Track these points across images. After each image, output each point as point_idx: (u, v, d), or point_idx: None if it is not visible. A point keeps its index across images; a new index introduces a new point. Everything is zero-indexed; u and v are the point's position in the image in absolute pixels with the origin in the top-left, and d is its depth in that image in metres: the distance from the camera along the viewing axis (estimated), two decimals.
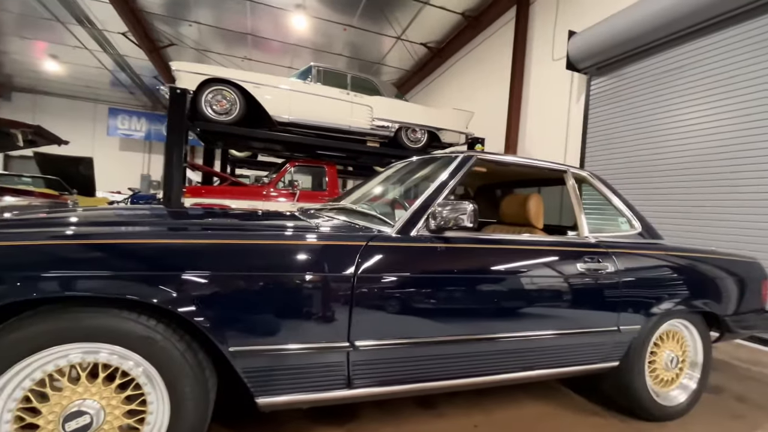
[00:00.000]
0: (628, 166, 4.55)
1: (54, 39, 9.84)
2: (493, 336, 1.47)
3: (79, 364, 1.04)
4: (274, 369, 1.17)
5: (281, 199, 5.19)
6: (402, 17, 7.79)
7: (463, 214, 1.37)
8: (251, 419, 1.61)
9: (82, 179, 7.82)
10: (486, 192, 3.01)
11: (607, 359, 1.74)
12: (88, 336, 1.02)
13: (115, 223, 1.30)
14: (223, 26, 8.62)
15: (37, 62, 11.53)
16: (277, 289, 1.16)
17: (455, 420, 1.74)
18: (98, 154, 13.94)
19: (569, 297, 1.61)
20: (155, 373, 1.07)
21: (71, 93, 14.19)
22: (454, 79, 9.07)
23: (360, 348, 1.25)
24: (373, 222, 1.53)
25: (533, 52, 6.35)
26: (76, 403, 1.03)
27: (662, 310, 1.79)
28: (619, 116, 4.73)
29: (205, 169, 6.19)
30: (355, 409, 1.77)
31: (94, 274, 1.02)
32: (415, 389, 1.40)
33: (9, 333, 0.97)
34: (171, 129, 4.41)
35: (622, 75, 4.73)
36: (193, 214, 1.66)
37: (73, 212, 1.55)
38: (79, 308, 1.03)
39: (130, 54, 10.18)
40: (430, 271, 1.38)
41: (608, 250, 1.76)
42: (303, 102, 5.14)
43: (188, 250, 1.12)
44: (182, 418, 1.10)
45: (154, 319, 1.07)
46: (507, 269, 1.51)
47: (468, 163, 1.69)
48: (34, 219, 1.29)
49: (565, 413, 1.88)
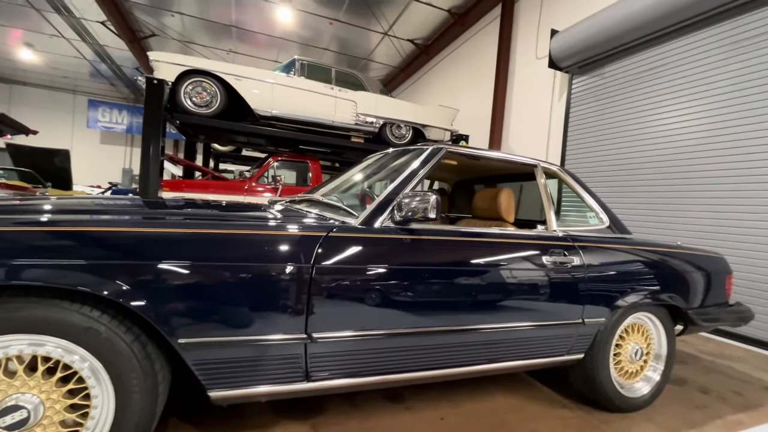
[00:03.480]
0: (606, 164, 4.62)
1: (29, 26, 9.50)
2: (458, 328, 1.46)
3: (17, 356, 1.00)
4: (227, 361, 1.14)
5: (265, 194, 5.11)
6: (389, 12, 7.75)
7: (427, 205, 1.35)
8: (212, 413, 1.58)
9: (57, 172, 7.59)
10: (464, 187, 3.01)
11: (573, 351, 1.76)
12: (26, 328, 0.98)
13: (69, 211, 1.25)
14: (208, 18, 8.44)
15: (12, 50, 11.13)
16: (231, 280, 1.13)
17: (422, 413, 1.73)
18: (78, 147, 13.57)
19: (535, 290, 1.62)
20: (99, 366, 1.04)
21: (49, 83, 13.75)
22: (440, 77, 9.08)
23: (318, 340, 1.23)
24: (338, 213, 1.51)
25: (518, 50, 6.39)
26: (12, 396, 0.99)
27: (627, 303, 1.81)
28: (598, 115, 4.79)
29: (186, 163, 6.07)
30: (321, 402, 1.75)
31: (40, 263, 0.97)
32: (377, 382, 1.39)
33: None
34: (148, 120, 4.30)
35: (602, 74, 4.79)
36: (158, 204, 1.61)
37: (36, 200, 1.49)
38: (16, 298, 0.98)
39: (110, 44, 9.90)
40: (393, 263, 1.36)
41: (575, 243, 1.78)
42: (286, 96, 5.07)
43: (136, 239, 1.08)
44: (129, 411, 1.06)
45: (97, 310, 1.03)
46: (473, 262, 1.51)
47: (437, 156, 1.68)
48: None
49: (533, 405, 1.90)
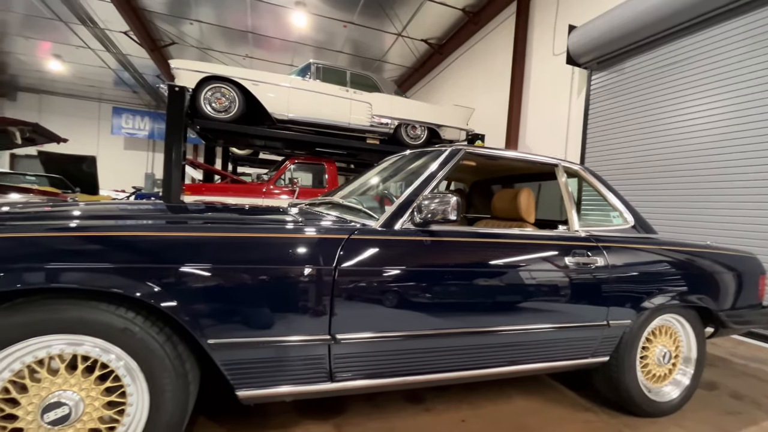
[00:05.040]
0: (629, 161, 4.50)
1: (57, 39, 9.91)
2: (479, 329, 1.46)
3: (59, 355, 1.05)
4: (254, 362, 1.17)
5: (282, 196, 5.19)
6: (402, 13, 7.75)
7: (447, 207, 1.35)
8: (238, 412, 1.62)
9: (85, 177, 7.88)
10: (481, 188, 2.99)
11: (597, 354, 1.73)
12: (67, 328, 1.03)
13: (102, 217, 1.30)
14: (224, 24, 8.63)
15: (42, 62, 11.63)
16: (257, 281, 1.16)
17: (443, 414, 1.73)
18: (103, 153, 14.09)
19: (558, 291, 1.59)
20: (135, 365, 1.08)
21: (76, 92, 14.31)
22: (454, 76, 9.02)
23: (341, 341, 1.25)
24: (359, 216, 1.53)
25: (534, 48, 6.30)
26: (55, 394, 1.04)
27: (654, 305, 1.77)
28: (619, 111, 4.67)
29: (206, 167, 6.22)
30: (342, 402, 1.77)
31: (78, 266, 1.02)
32: (399, 383, 1.40)
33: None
34: (170, 126, 4.43)
35: (622, 69, 4.67)
36: (182, 209, 1.66)
37: (67, 207, 1.56)
38: (58, 300, 1.03)
39: (132, 53, 10.24)
40: (414, 265, 1.37)
41: (598, 244, 1.74)
42: (302, 99, 5.14)
43: (165, 243, 1.12)
44: (162, 409, 1.10)
45: (132, 311, 1.08)
46: (494, 263, 1.50)
47: (456, 157, 1.68)
48: (24, 213, 1.30)
49: (555, 408, 1.87)
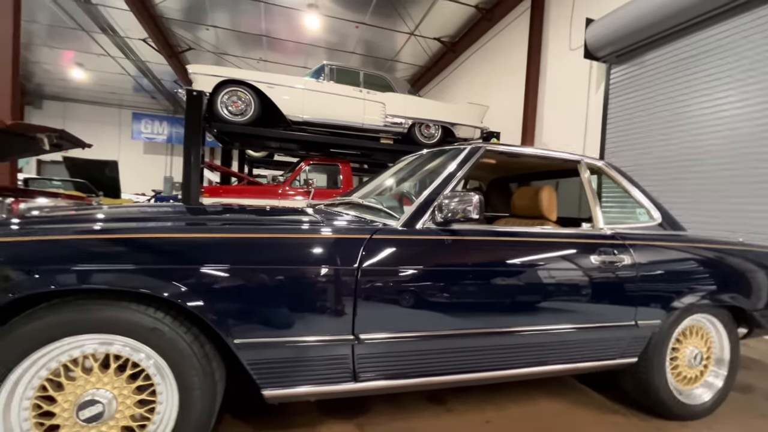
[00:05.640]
0: (652, 156, 4.37)
1: (80, 47, 10.24)
2: (503, 330, 1.44)
3: (92, 354, 1.08)
4: (279, 361, 1.18)
5: (297, 197, 5.24)
6: (414, 12, 7.72)
7: (469, 206, 1.34)
8: (262, 411, 1.63)
9: (108, 182, 8.14)
10: (499, 186, 2.95)
11: (625, 355, 1.68)
12: (99, 328, 1.05)
13: (129, 219, 1.33)
14: (239, 29, 8.77)
15: (65, 70, 12.04)
16: (281, 282, 1.17)
17: (466, 415, 1.71)
18: (124, 158, 14.48)
19: (583, 290, 1.56)
20: (164, 364, 1.10)
21: (97, 99, 14.76)
22: (468, 74, 8.94)
23: (365, 341, 1.24)
24: (379, 216, 1.52)
25: (549, 43, 6.18)
26: (89, 392, 1.07)
27: (684, 305, 1.71)
28: (641, 105, 4.54)
29: (223, 170, 6.33)
30: (365, 402, 1.77)
31: (108, 268, 1.05)
32: (423, 383, 1.39)
33: (25, 324, 1.01)
34: (188, 130, 4.53)
35: (643, 62, 4.54)
36: (200, 210, 1.69)
37: (93, 210, 1.61)
38: (90, 300, 1.06)
39: (151, 59, 10.50)
40: (436, 264, 1.36)
41: (625, 242, 1.70)
42: (316, 101, 5.17)
43: (194, 245, 1.14)
44: (190, 408, 1.12)
45: (161, 312, 1.10)
46: (517, 262, 1.47)
47: (476, 155, 1.66)
48: (54, 216, 1.34)
49: (582, 410, 1.83)
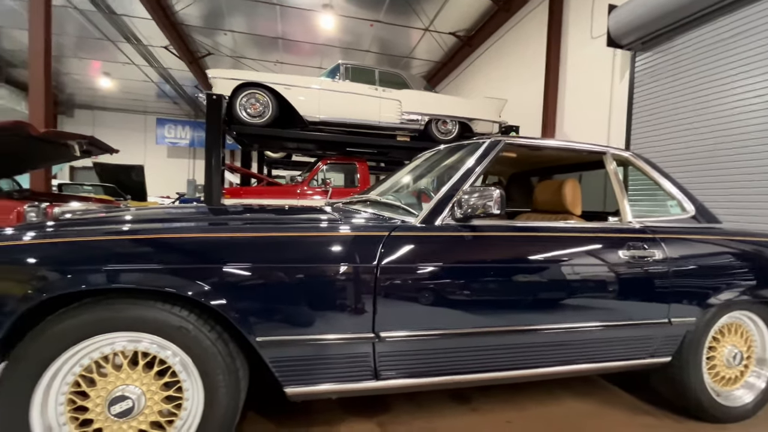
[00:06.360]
0: (681, 147, 4.17)
1: (106, 57, 10.65)
2: (527, 328, 1.40)
3: (122, 352, 1.11)
4: (301, 359, 1.19)
5: (315, 197, 5.29)
6: (429, 7, 7.64)
7: (490, 201, 1.30)
8: (284, 409, 1.65)
9: (135, 185, 8.45)
10: (520, 180, 2.88)
11: (657, 354, 1.60)
12: (128, 326, 1.08)
13: (154, 220, 1.37)
14: (256, 32, 8.91)
15: (94, 80, 12.56)
16: (301, 280, 1.17)
17: (488, 415, 1.68)
18: (149, 162, 14.97)
19: (611, 287, 1.50)
20: (189, 362, 1.12)
21: (124, 107, 15.33)
22: (485, 68, 8.78)
23: (386, 339, 1.23)
24: (397, 213, 1.51)
25: (570, 32, 5.99)
26: (120, 388, 1.10)
27: (721, 301, 1.62)
28: (668, 93, 4.34)
29: (243, 171, 6.46)
30: (386, 401, 1.76)
31: (135, 268, 1.08)
32: (444, 382, 1.37)
33: (60, 322, 1.05)
34: (209, 133, 4.63)
35: (670, 48, 4.34)
36: (223, 211, 1.72)
37: (121, 212, 1.66)
38: (119, 300, 1.09)
39: (172, 66, 10.80)
40: (456, 261, 1.33)
41: (655, 235, 1.62)
42: (332, 100, 5.20)
43: (215, 244, 1.16)
44: (216, 405, 1.14)
45: (186, 310, 1.12)
46: (541, 258, 1.43)
47: (495, 149, 1.62)
48: (85, 219, 1.39)
49: (611, 411, 1.76)
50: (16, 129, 2.79)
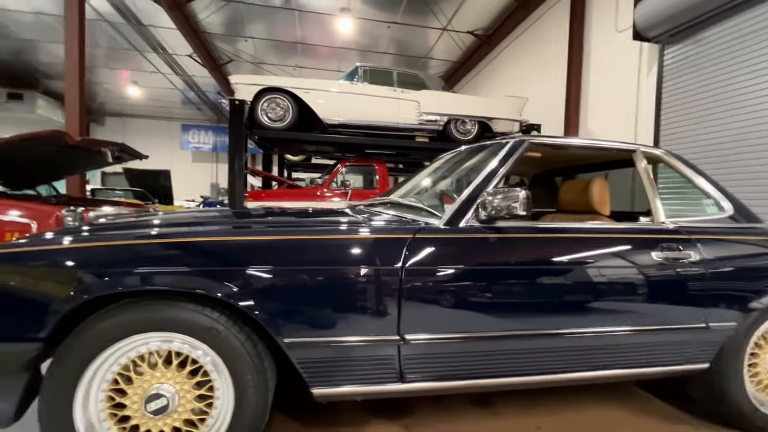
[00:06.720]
0: (715, 143, 3.98)
1: (134, 67, 11.10)
2: (554, 332, 1.36)
3: (157, 351, 1.16)
4: (327, 360, 1.20)
5: (335, 199, 5.34)
6: (446, 7, 7.60)
7: (515, 202, 1.28)
8: (309, 410, 1.67)
9: (162, 190, 8.77)
10: (543, 181, 2.82)
11: (694, 360, 1.54)
12: (162, 326, 1.12)
13: (184, 224, 1.42)
14: (275, 38, 9.08)
15: (123, 89, 13.11)
16: (327, 282, 1.19)
17: (514, 419, 1.65)
18: (174, 167, 15.46)
19: (643, 290, 1.44)
20: (220, 361, 1.15)
21: (150, 114, 15.92)
22: (504, 66, 8.65)
23: (411, 342, 1.23)
24: (420, 214, 1.50)
25: (593, 26, 5.83)
26: (155, 386, 1.14)
27: (764, 305, 1.53)
28: (700, 87, 4.16)
29: (264, 174, 6.59)
30: (409, 404, 1.75)
31: (167, 270, 1.12)
32: (471, 386, 1.35)
33: (100, 323, 1.10)
34: (232, 138, 4.76)
35: (702, 40, 4.15)
36: (250, 214, 1.76)
37: (151, 216, 1.73)
38: (154, 301, 1.14)
39: (196, 73, 11.14)
40: (481, 263, 1.32)
41: (691, 236, 1.55)
42: (351, 103, 5.24)
43: (244, 247, 1.19)
44: (245, 404, 1.16)
45: (217, 312, 1.15)
46: (567, 260, 1.40)
47: (519, 149, 1.59)
48: (120, 223, 1.45)
49: (644, 419, 1.70)
50: (55, 138, 2.95)
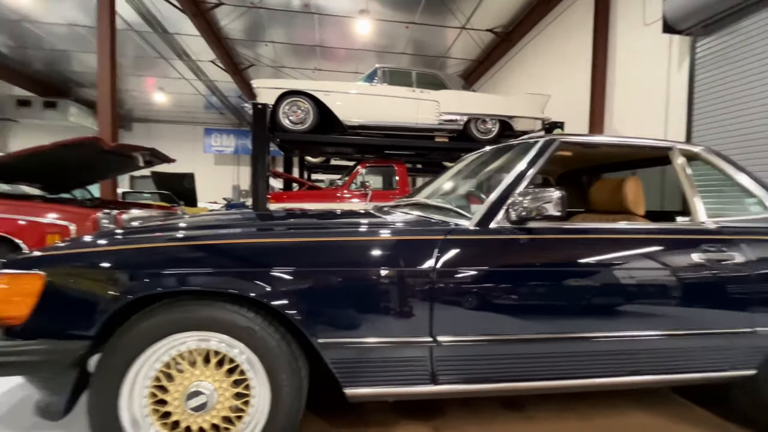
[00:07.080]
0: (756, 138, 3.80)
1: (160, 74, 11.49)
2: (588, 335, 1.33)
3: (195, 350, 1.19)
4: (360, 361, 1.21)
5: (354, 200, 5.37)
6: (465, 5, 7.53)
7: (547, 203, 1.26)
8: (339, 410, 1.69)
9: (186, 192, 9.04)
10: (569, 180, 2.75)
11: (740, 366, 1.47)
12: (200, 325, 1.16)
13: (216, 227, 1.45)
14: (295, 42, 9.23)
15: (149, 95, 13.59)
16: (360, 283, 1.20)
17: (545, 423, 1.62)
18: (198, 170, 15.90)
19: (684, 293, 1.39)
20: (256, 361, 1.18)
21: (175, 119, 16.44)
22: (525, 63, 8.50)
23: (443, 343, 1.23)
24: (449, 215, 1.49)
25: (618, 20, 5.66)
26: (195, 383, 1.18)
27: None
28: (736, 80, 3.97)
29: (286, 176, 6.70)
30: (439, 405, 1.75)
31: (202, 271, 1.16)
32: (503, 389, 1.33)
33: (143, 322, 1.14)
34: (256, 141, 4.85)
35: (737, 31, 3.97)
36: (278, 216, 1.79)
37: (182, 219, 1.78)
38: (193, 301, 1.17)
39: (219, 78, 11.44)
40: (513, 265, 1.30)
41: (734, 237, 1.48)
42: (370, 104, 5.26)
43: (278, 248, 1.21)
44: (281, 403, 1.19)
45: (252, 312, 1.18)
46: (602, 261, 1.36)
47: (550, 148, 1.56)
48: (153, 226, 1.51)
49: (682, 426, 1.63)
50: (92, 144, 3.09)
